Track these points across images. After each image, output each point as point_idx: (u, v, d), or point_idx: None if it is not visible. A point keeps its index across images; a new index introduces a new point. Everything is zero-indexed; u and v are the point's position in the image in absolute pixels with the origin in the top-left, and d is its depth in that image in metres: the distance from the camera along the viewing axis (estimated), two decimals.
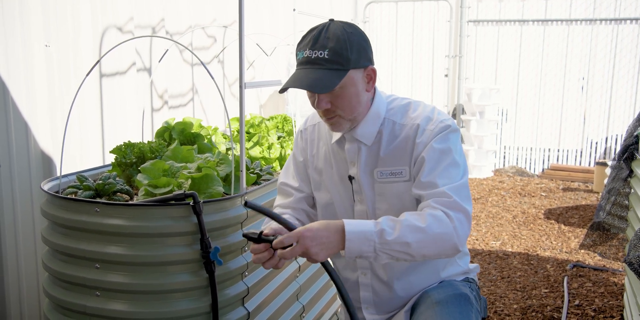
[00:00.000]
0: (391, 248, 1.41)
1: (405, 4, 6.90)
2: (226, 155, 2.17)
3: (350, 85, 1.52)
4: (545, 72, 6.59)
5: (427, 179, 1.51)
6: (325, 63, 1.48)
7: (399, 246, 1.41)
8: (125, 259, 1.76)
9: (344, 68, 1.49)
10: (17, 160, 2.40)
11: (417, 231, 1.41)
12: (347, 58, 1.49)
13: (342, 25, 1.52)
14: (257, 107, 4.39)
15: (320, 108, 1.54)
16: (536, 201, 5.47)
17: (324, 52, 1.48)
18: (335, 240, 1.41)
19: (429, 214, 1.45)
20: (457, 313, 1.55)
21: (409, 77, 7.09)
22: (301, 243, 1.39)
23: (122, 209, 1.76)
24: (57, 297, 1.86)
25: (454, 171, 1.53)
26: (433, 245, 1.44)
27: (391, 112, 1.65)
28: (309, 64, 1.49)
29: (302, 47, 1.52)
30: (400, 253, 1.43)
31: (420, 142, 1.56)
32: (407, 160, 1.59)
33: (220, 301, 1.81)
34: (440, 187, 1.48)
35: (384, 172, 1.62)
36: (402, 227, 1.42)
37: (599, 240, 4.20)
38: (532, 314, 3.08)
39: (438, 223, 1.43)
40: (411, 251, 1.42)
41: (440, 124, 1.57)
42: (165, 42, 3.16)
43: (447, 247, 1.45)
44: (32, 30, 2.45)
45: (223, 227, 1.84)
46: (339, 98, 1.53)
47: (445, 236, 1.43)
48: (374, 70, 1.58)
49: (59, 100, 2.60)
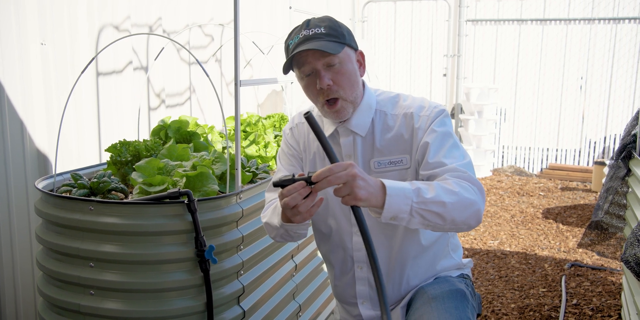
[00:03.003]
0: (427, 208, 1.39)
1: (404, 3, 6.89)
2: (222, 153, 2.16)
3: (347, 62, 1.59)
4: (544, 71, 6.59)
5: (434, 160, 1.55)
6: (324, 36, 1.56)
7: (435, 206, 1.39)
8: (120, 257, 1.75)
9: (340, 41, 1.58)
10: (12, 158, 2.39)
11: (451, 193, 1.42)
12: (342, 34, 1.59)
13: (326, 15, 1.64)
14: (255, 107, 4.38)
15: (324, 84, 1.56)
16: (534, 200, 5.47)
17: (320, 29, 1.57)
18: (376, 191, 1.35)
19: (455, 181, 1.46)
20: (453, 309, 1.55)
21: (407, 76, 7.08)
22: (350, 172, 1.30)
23: (116, 207, 1.75)
24: (51, 296, 1.85)
25: (457, 152, 1.57)
26: (463, 210, 1.43)
27: (381, 103, 1.70)
28: (308, 40, 1.56)
29: (295, 33, 1.61)
30: (433, 215, 1.40)
31: (419, 128, 1.61)
32: (408, 148, 1.63)
33: (215, 300, 1.80)
34: (449, 165, 1.52)
35: (382, 162, 1.64)
36: (437, 187, 1.41)
37: (597, 239, 4.20)
38: (530, 313, 3.07)
39: (466, 189, 1.44)
40: (445, 213, 1.40)
41: (435, 109, 1.63)
42: (163, 41, 3.15)
43: (474, 213, 1.45)
44: (28, 29, 2.45)
45: (218, 225, 1.83)
46: (339, 74, 1.58)
47: (474, 202, 1.44)
48: (363, 55, 1.68)
49: (55, 99, 2.59)
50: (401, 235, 1.67)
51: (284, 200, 1.35)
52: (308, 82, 1.61)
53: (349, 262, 1.76)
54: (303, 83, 1.63)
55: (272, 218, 1.65)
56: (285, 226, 1.59)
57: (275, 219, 1.61)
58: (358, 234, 1.71)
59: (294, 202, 1.34)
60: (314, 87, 1.60)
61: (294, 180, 1.34)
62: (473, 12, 6.72)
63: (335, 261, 1.80)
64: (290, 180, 1.35)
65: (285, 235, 1.66)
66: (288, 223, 1.52)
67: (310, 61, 1.56)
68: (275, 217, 1.63)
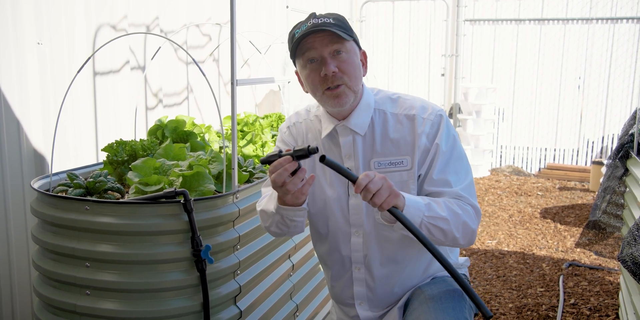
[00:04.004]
0: (435, 222, 1.50)
1: (402, 3, 6.89)
2: (218, 153, 2.16)
3: (353, 54, 1.61)
4: (542, 71, 6.59)
5: (439, 176, 1.59)
6: (333, 26, 1.56)
7: (441, 222, 1.50)
8: (116, 257, 1.74)
9: (349, 33, 1.58)
10: (8, 158, 2.39)
11: (454, 214, 1.53)
12: (349, 28, 1.61)
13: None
14: (253, 106, 4.38)
15: (329, 71, 1.56)
16: (532, 200, 5.47)
17: (329, 19, 1.57)
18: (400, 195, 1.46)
19: (458, 203, 1.56)
20: (451, 309, 1.54)
21: (405, 76, 7.08)
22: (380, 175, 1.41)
23: (112, 207, 1.74)
24: (47, 297, 1.84)
25: (461, 167, 1.62)
26: (461, 229, 1.54)
27: (379, 102, 1.70)
28: (317, 27, 1.55)
29: (302, 23, 1.60)
30: (438, 230, 1.51)
31: (422, 132, 1.61)
32: (409, 150, 1.63)
33: (212, 300, 1.80)
34: (454, 186, 1.58)
35: (382, 162, 1.64)
36: (443, 205, 1.52)
37: (594, 239, 4.20)
38: (528, 313, 3.07)
39: (465, 212, 1.55)
40: (448, 230, 1.51)
41: (438, 113, 1.64)
42: (160, 41, 3.14)
43: (469, 234, 1.57)
44: (25, 28, 2.44)
45: (214, 225, 1.83)
46: (345, 63, 1.58)
47: (470, 224, 1.56)
48: (366, 55, 1.68)
49: (52, 98, 2.59)
50: (399, 236, 1.67)
51: (271, 178, 1.40)
52: (311, 69, 1.59)
53: (346, 263, 1.75)
54: (305, 72, 1.61)
55: (268, 204, 1.64)
56: (280, 210, 1.57)
57: (272, 205, 1.60)
58: (356, 235, 1.70)
59: (281, 178, 1.38)
60: (317, 74, 1.58)
61: (280, 156, 1.38)
62: (471, 12, 6.72)
63: (333, 262, 1.79)
64: (276, 156, 1.38)
65: (280, 224, 1.62)
66: (284, 206, 1.54)
67: (317, 47, 1.56)
68: (271, 203, 1.61)
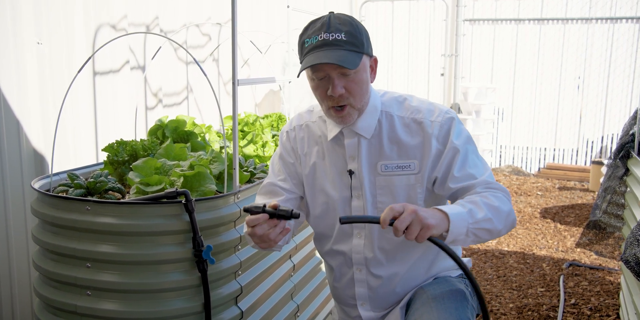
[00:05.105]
0: (480, 226, 1.47)
1: (401, 2, 6.88)
2: (219, 153, 2.15)
3: (362, 71, 1.57)
4: (541, 71, 6.59)
5: (461, 173, 1.58)
6: (344, 44, 1.51)
7: (486, 223, 1.48)
8: (117, 257, 1.74)
9: (359, 51, 1.54)
10: (8, 158, 2.38)
11: (494, 209, 1.49)
12: (361, 42, 1.54)
13: (346, 15, 1.58)
14: (253, 106, 4.37)
15: (336, 93, 1.54)
16: (532, 200, 5.47)
17: (341, 34, 1.51)
18: (439, 218, 1.40)
19: (491, 194, 1.53)
20: (453, 309, 1.54)
21: (405, 76, 7.08)
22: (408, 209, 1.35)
23: (113, 207, 1.73)
24: (47, 297, 1.83)
25: (478, 160, 1.63)
26: (505, 221, 1.52)
27: (386, 104, 1.68)
28: (327, 46, 1.51)
29: (313, 33, 1.54)
30: (484, 232, 1.48)
31: (432, 135, 1.60)
32: (418, 154, 1.62)
33: (213, 300, 1.79)
34: (479, 177, 1.58)
35: (389, 166, 1.63)
36: (482, 205, 1.49)
37: (595, 239, 4.20)
38: (528, 313, 3.06)
39: (502, 201, 1.52)
40: (493, 228, 1.49)
41: (447, 115, 1.63)
42: (160, 41, 3.14)
43: (512, 221, 1.55)
44: (24, 27, 2.43)
45: (215, 225, 1.82)
46: (353, 83, 1.56)
47: (510, 212, 1.54)
48: (377, 61, 1.65)
49: (51, 98, 2.58)
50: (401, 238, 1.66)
51: (251, 230, 1.43)
52: (319, 84, 1.57)
53: (348, 264, 1.75)
54: (313, 84, 1.59)
55: None
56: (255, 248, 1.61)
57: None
58: (358, 237, 1.70)
59: (262, 231, 1.42)
60: (324, 91, 1.56)
61: (264, 211, 1.41)
62: (471, 12, 6.72)
63: (335, 263, 1.79)
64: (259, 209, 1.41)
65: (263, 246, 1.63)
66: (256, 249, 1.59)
67: (325, 69, 1.53)
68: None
